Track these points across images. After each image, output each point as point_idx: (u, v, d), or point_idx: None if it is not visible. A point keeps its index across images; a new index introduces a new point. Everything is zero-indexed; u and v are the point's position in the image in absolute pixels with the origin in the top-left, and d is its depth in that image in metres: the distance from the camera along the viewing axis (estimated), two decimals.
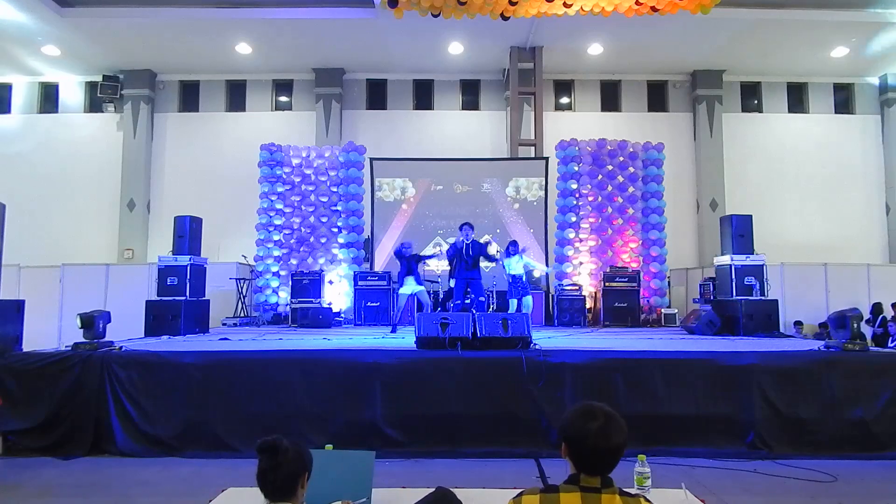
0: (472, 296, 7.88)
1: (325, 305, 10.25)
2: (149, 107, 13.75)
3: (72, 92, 14.05)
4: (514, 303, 8.57)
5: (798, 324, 10.14)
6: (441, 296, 9.43)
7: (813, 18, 11.28)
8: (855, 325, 5.26)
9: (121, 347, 5.44)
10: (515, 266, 8.56)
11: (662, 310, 10.75)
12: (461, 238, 8.00)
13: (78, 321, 5.32)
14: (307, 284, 10.38)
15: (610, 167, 11.61)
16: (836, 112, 14.09)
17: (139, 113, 13.59)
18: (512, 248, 8.62)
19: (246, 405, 4.94)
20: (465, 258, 7.86)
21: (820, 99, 14.09)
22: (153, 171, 13.79)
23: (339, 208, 11.67)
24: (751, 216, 8.57)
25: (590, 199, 11.63)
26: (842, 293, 10.22)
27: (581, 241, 11.55)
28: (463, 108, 14.12)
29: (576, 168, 11.68)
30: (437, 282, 9.91)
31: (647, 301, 11.13)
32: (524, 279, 8.75)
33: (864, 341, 5.40)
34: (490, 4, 9.17)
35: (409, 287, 8.28)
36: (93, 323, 5.31)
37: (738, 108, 14.08)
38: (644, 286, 10.91)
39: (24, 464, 4.65)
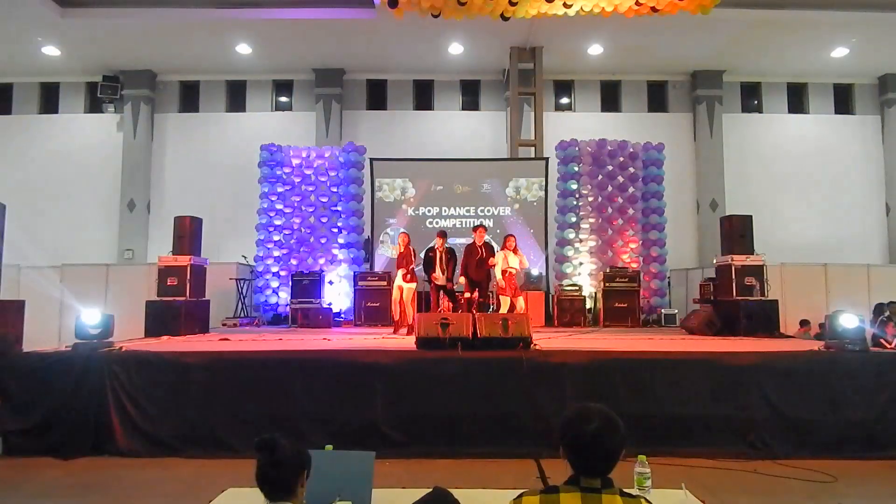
0: (479, 296, 7.91)
1: (325, 306, 10.25)
2: (149, 107, 13.75)
3: (72, 92, 14.05)
4: (505, 301, 8.09)
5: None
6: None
7: (813, 18, 11.27)
8: (854, 325, 5.26)
9: (121, 347, 5.43)
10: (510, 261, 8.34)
11: (662, 310, 10.74)
12: (476, 240, 8.00)
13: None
14: (307, 285, 10.39)
15: (610, 167, 11.60)
16: (836, 112, 14.08)
17: (139, 113, 13.58)
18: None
19: (246, 405, 4.93)
20: (478, 259, 7.86)
21: (820, 99, 14.08)
22: (153, 172, 13.79)
23: (339, 208, 11.68)
24: (751, 216, 8.55)
25: (590, 199, 11.62)
26: (842, 293, 10.19)
27: (581, 241, 11.55)
28: (463, 109, 14.12)
29: (576, 168, 11.67)
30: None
31: (648, 301, 11.14)
32: (521, 276, 8.54)
33: (864, 341, 5.39)
34: (490, 4, 9.16)
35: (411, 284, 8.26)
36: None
37: (738, 108, 14.08)
38: (644, 286, 10.91)
39: (24, 464, 4.64)
